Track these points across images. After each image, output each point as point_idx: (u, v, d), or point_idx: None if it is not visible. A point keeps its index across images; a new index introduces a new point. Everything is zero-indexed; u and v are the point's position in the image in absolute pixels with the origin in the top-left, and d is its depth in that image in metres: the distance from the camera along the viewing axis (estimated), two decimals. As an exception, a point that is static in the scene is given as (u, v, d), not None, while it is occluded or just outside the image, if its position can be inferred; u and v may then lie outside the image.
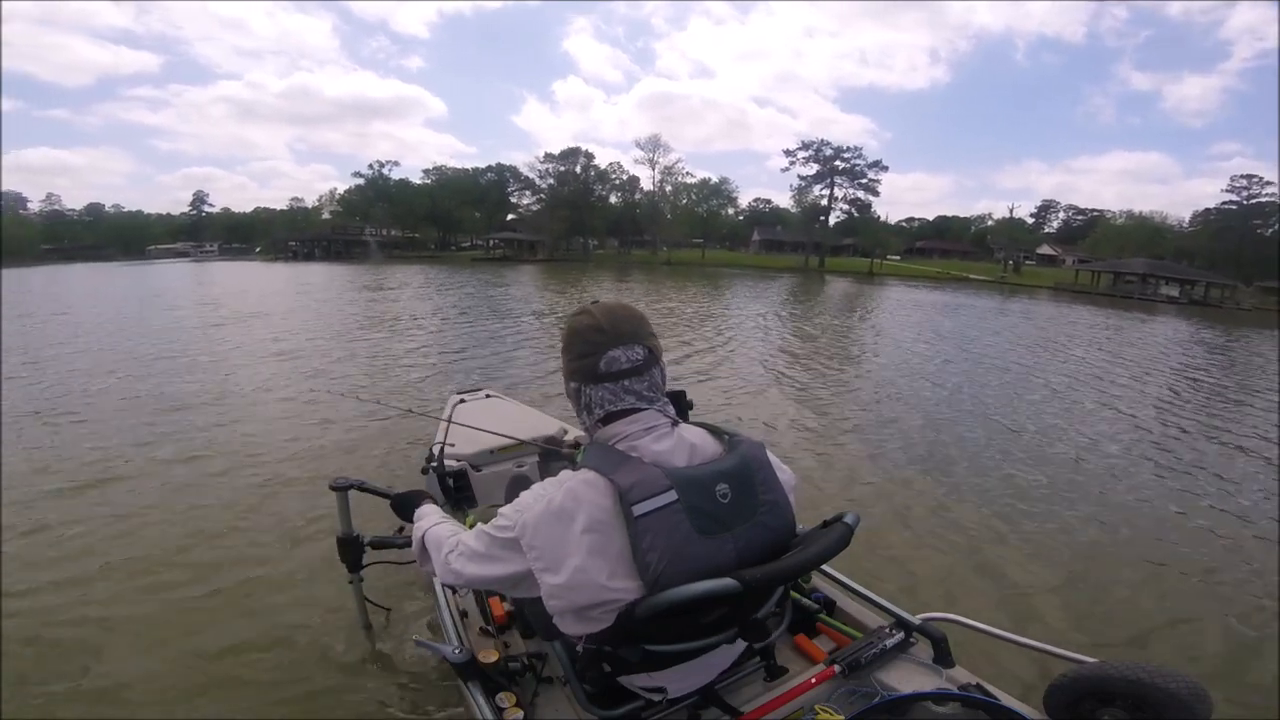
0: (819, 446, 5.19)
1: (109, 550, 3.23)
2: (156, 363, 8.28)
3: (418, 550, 1.29)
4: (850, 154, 53.27)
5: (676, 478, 0.97)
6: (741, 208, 74.76)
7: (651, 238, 61.43)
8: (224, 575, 2.98)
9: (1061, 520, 3.87)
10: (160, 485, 4.06)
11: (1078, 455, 5.27)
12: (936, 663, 1.51)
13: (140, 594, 2.83)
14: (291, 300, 17.81)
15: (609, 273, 36.10)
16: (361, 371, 7.91)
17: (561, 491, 0.99)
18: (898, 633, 1.58)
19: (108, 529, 3.46)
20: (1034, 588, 3.10)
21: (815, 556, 1.06)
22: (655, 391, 1.09)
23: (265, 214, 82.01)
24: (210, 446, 4.81)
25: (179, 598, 2.80)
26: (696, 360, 9.05)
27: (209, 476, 4.20)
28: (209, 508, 3.70)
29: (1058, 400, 7.48)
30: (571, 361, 1.10)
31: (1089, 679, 1.21)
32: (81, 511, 3.67)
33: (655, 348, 1.11)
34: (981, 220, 79.88)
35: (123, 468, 4.40)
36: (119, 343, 10.16)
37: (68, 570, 3.02)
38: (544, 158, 62.47)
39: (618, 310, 1.10)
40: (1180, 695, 1.09)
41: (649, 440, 1.04)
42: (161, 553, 3.19)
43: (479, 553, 1.08)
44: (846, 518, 1.12)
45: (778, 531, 1.05)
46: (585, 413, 1.11)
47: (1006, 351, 11.35)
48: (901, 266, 51.41)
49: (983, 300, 25.58)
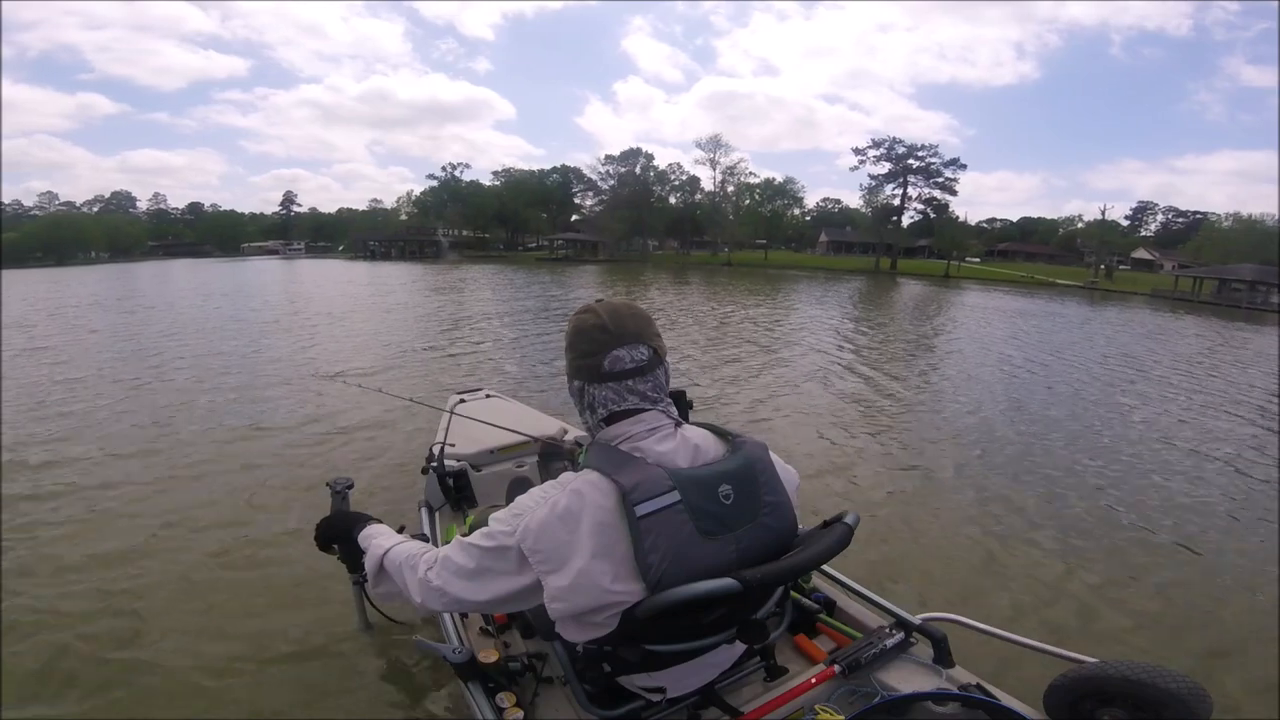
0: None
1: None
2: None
3: (373, 574, 1.21)
4: (925, 152, 51.13)
5: (679, 478, 0.97)
6: (808, 208, 73.34)
7: (712, 238, 61.03)
8: (223, 577, 2.96)
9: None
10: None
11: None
12: (936, 663, 1.51)
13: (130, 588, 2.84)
14: (375, 300, 18.51)
15: (667, 273, 36.21)
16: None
17: (565, 494, 0.99)
18: (898, 633, 1.58)
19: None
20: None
21: (815, 557, 1.05)
22: (659, 392, 1.09)
23: (348, 214, 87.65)
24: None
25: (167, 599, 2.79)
26: (745, 367, 8.78)
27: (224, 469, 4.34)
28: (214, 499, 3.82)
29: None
30: (575, 360, 1.10)
31: (1089, 679, 1.20)
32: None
33: (659, 348, 1.10)
34: (1071, 222, 75.09)
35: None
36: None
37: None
38: (605, 159, 63.91)
39: (622, 309, 1.09)
40: (1180, 695, 1.08)
41: (652, 441, 1.04)
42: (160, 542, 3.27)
43: (468, 569, 1.04)
44: (847, 518, 1.12)
45: (780, 533, 1.05)
46: (588, 412, 1.11)
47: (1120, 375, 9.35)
48: (981, 270, 48.83)
49: (1070, 308, 23.50)
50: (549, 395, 6.35)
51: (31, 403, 6.11)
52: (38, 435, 5.05)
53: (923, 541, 3.49)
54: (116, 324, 12.87)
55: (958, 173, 51.27)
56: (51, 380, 7.17)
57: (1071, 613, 2.86)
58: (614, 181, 62.54)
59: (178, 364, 8.17)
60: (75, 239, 63.38)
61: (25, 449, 4.67)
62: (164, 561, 3.06)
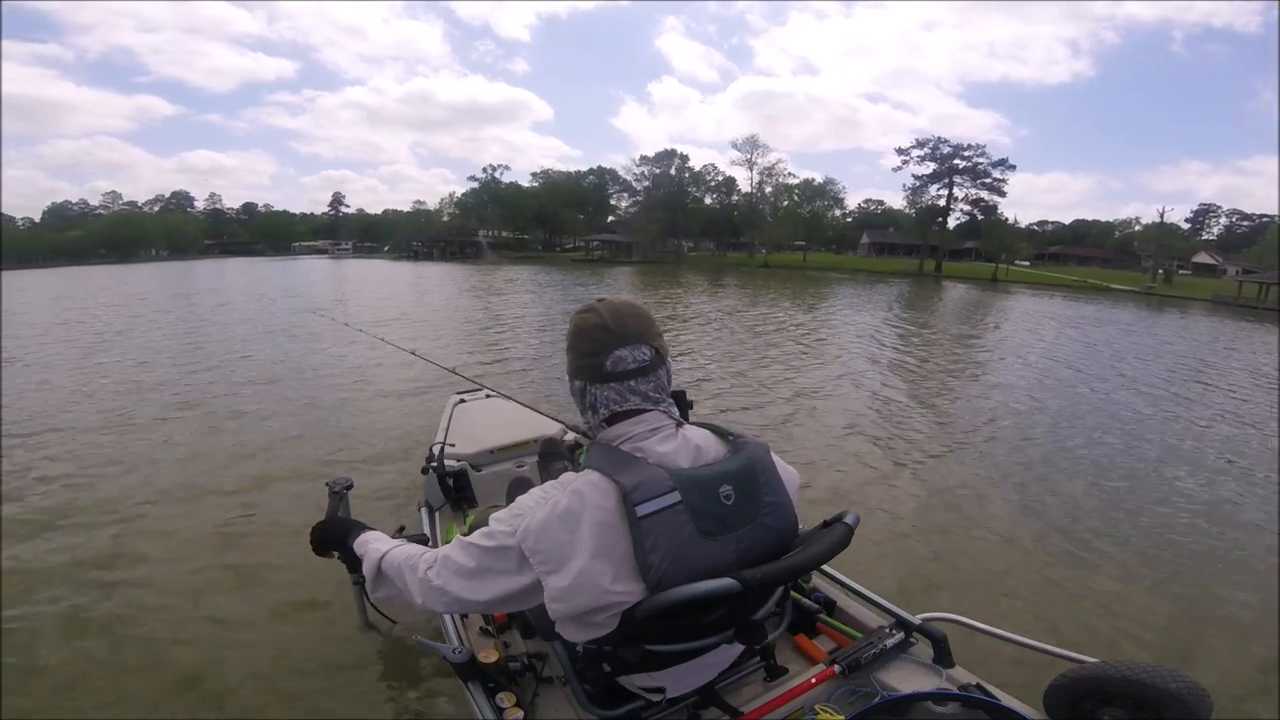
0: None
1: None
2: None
3: (371, 578, 1.20)
4: (971, 152, 49.40)
5: (680, 479, 0.97)
6: (850, 209, 71.76)
7: (749, 240, 60.47)
8: (225, 577, 2.98)
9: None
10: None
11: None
12: (936, 663, 1.50)
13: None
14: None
15: (702, 275, 35.95)
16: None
17: (566, 494, 0.99)
18: (898, 633, 1.57)
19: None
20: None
21: (815, 557, 1.05)
22: (661, 392, 1.09)
23: (393, 215, 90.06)
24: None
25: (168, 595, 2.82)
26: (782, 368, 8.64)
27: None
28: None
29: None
30: (577, 360, 1.09)
31: (1089, 679, 1.19)
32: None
33: (662, 348, 1.10)
34: (1127, 225, 71.70)
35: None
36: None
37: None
38: (639, 160, 63.55)
39: (624, 309, 1.09)
40: (1180, 695, 1.07)
41: (654, 441, 1.04)
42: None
43: (468, 568, 1.04)
44: (847, 518, 1.11)
45: (780, 533, 1.05)
46: (590, 412, 1.10)
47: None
48: (1030, 273, 46.86)
49: (1127, 313, 22.27)
50: (557, 398, 6.30)
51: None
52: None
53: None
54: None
55: (1006, 173, 49.42)
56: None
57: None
58: (649, 183, 62.40)
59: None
60: (137, 237, 66.67)
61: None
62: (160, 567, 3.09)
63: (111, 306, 16.66)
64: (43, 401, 6.26)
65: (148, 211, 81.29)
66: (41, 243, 60.29)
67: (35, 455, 4.60)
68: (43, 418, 5.61)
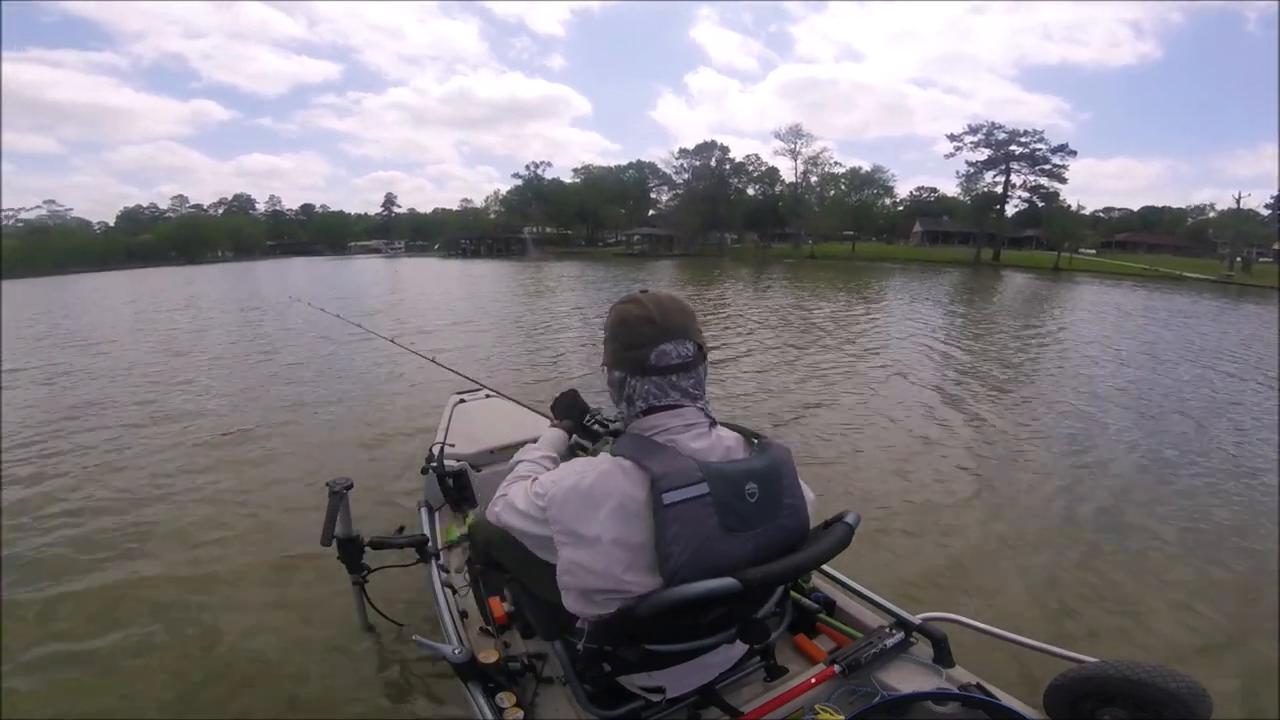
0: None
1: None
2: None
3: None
4: (1029, 137, 46.94)
5: (709, 471, 0.98)
6: (901, 197, 69.42)
7: (795, 230, 59.31)
8: (223, 577, 2.97)
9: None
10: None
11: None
12: (936, 663, 1.49)
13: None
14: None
15: (747, 267, 35.28)
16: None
17: (595, 474, 1.01)
18: (898, 633, 1.57)
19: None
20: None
21: (816, 556, 1.06)
22: (699, 389, 1.09)
23: (442, 214, 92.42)
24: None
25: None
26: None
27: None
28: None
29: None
30: (618, 351, 1.09)
31: (1089, 679, 1.19)
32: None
33: (703, 344, 1.10)
34: (1201, 211, 66.89)
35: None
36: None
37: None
38: (679, 153, 63.29)
39: (668, 302, 1.09)
40: (1180, 695, 1.07)
41: (687, 437, 1.04)
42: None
43: (520, 510, 1.11)
44: (847, 517, 1.12)
45: (794, 534, 1.06)
46: (626, 404, 1.11)
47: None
48: (1096, 261, 44.09)
49: (1209, 305, 19.18)
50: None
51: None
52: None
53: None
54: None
55: (1067, 159, 46.80)
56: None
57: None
58: (688, 175, 62.06)
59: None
60: (202, 239, 69.44)
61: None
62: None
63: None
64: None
65: (212, 214, 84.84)
66: (117, 246, 63.20)
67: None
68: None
